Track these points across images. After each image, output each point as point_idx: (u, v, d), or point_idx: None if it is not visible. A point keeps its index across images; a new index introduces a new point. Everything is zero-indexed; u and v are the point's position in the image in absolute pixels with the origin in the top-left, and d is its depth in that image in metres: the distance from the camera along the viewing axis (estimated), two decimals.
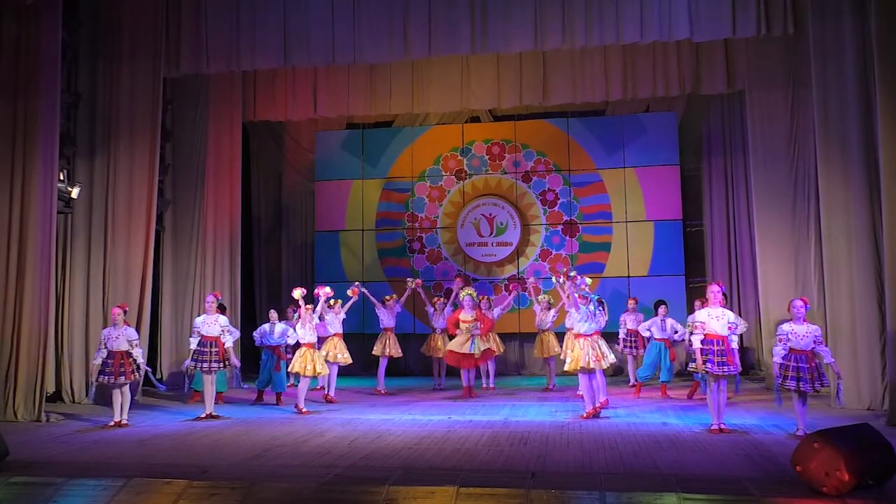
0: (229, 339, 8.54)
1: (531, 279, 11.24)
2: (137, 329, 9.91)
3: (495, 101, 12.47)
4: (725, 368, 7.07)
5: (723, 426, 7.15)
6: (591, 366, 7.95)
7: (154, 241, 10.47)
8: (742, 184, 12.44)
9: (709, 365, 7.07)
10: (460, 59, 11.92)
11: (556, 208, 13.74)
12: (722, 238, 12.87)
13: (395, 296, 11.29)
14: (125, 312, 8.20)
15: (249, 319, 12.52)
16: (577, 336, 8.12)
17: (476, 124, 14.14)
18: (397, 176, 14.18)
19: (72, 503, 5.20)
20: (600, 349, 8.04)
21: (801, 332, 6.89)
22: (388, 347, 10.69)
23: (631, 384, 10.67)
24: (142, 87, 10.16)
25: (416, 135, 14.16)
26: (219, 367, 8.54)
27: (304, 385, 9.02)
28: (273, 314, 10.18)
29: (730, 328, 7.12)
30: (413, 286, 10.88)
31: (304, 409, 8.84)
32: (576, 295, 8.02)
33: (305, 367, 8.87)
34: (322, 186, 14.36)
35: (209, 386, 8.56)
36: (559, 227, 13.71)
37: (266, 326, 10.15)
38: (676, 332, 9.86)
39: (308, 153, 14.53)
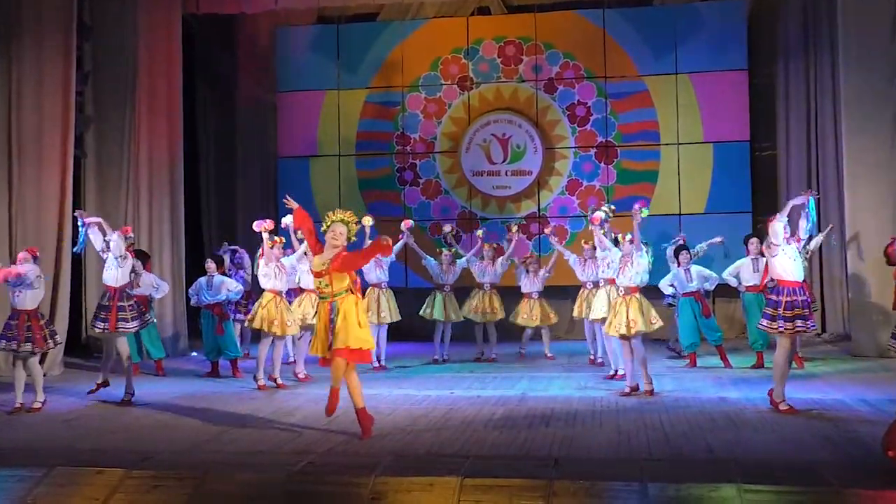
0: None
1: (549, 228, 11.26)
2: (55, 285, 9.93)
3: None
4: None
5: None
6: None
7: (73, 170, 10.39)
8: (828, 93, 12.29)
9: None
10: None
11: (588, 127, 13.62)
12: (800, 164, 12.78)
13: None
14: (35, 259, 8.10)
15: (197, 268, 12.52)
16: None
17: (485, 17, 13.90)
18: (383, 85, 14.01)
19: None
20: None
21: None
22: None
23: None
24: None
25: (408, 31, 13.93)
26: (131, 328, 8.40)
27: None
28: (211, 265, 10.17)
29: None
30: (407, 230, 10.77)
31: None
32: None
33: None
34: (286, 100, 14.20)
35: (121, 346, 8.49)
36: (592, 151, 13.61)
37: (202, 281, 10.14)
38: (707, 280, 10.03)
39: (268, 57, 14.32)
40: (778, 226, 7.21)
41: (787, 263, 7.21)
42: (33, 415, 7.66)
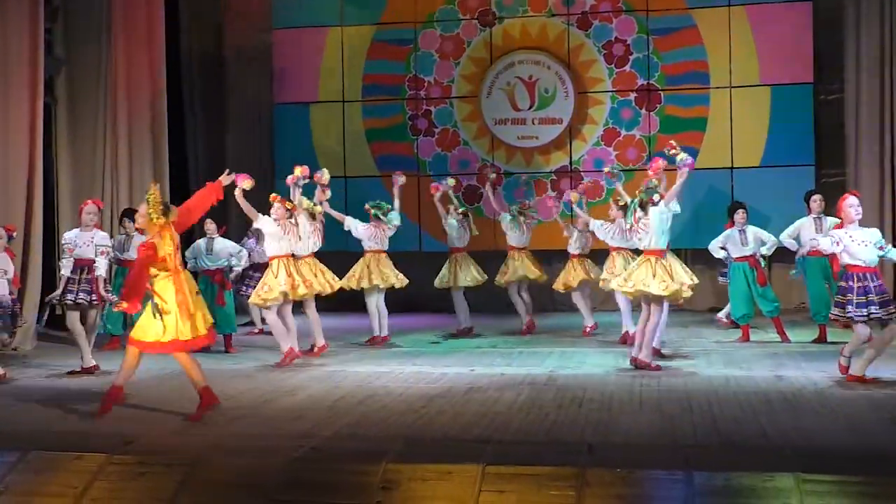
0: (103, 265, 8.61)
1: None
2: (26, 248, 10.01)
3: None
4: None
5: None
6: None
7: (43, 118, 10.41)
8: None
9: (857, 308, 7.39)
10: None
11: (626, 68, 13.54)
12: (872, 110, 12.63)
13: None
14: (10, 238, 8.26)
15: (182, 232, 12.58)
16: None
17: None
18: (393, 21, 13.95)
19: None
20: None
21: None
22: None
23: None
24: None
25: None
26: (94, 301, 8.65)
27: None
28: (210, 225, 10.23)
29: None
30: (399, 183, 10.72)
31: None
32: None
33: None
34: (284, 38, 14.16)
35: (77, 324, 8.67)
36: (632, 96, 13.54)
37: (201, 243, 10.20)
38: (764, 243, 10.00)
39: None
40: (847, 208, 7.44)
41: (856, 249, 7.38)
42: (3, 395, 7.76)
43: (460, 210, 11.12)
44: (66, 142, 11.54)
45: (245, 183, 8.75)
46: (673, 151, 8.30)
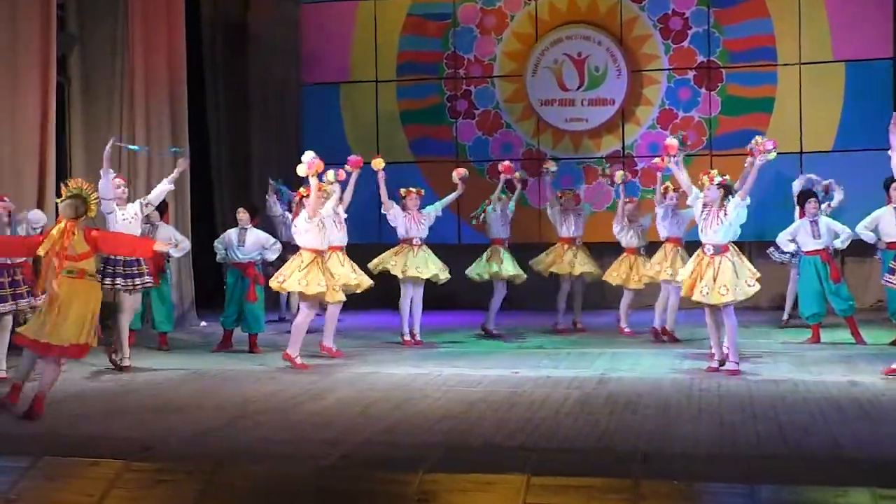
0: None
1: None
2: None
3: None
4: None
5: None
6: None
7: (55, 99, 10.53)
8: None
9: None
10: None
11: (685, 43, 13.47)
12: None
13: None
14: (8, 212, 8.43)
15: (204, 220, 12.69)
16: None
17: None
18: None
19: None
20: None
21: None
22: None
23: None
24: None
25: None
26: (141, 286, 8.95)
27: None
28: (243, 215, 10.28)
29: None
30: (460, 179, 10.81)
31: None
32: None
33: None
34: (312, 13, 14.24)
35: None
36: (690, 74, 13.45)
37: (233, 233, 10.28)
38: (838, 236, 9.93)
39: None
40: None
41: None
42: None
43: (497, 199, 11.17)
44: (80, 124, 11.66)
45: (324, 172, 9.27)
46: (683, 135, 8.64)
